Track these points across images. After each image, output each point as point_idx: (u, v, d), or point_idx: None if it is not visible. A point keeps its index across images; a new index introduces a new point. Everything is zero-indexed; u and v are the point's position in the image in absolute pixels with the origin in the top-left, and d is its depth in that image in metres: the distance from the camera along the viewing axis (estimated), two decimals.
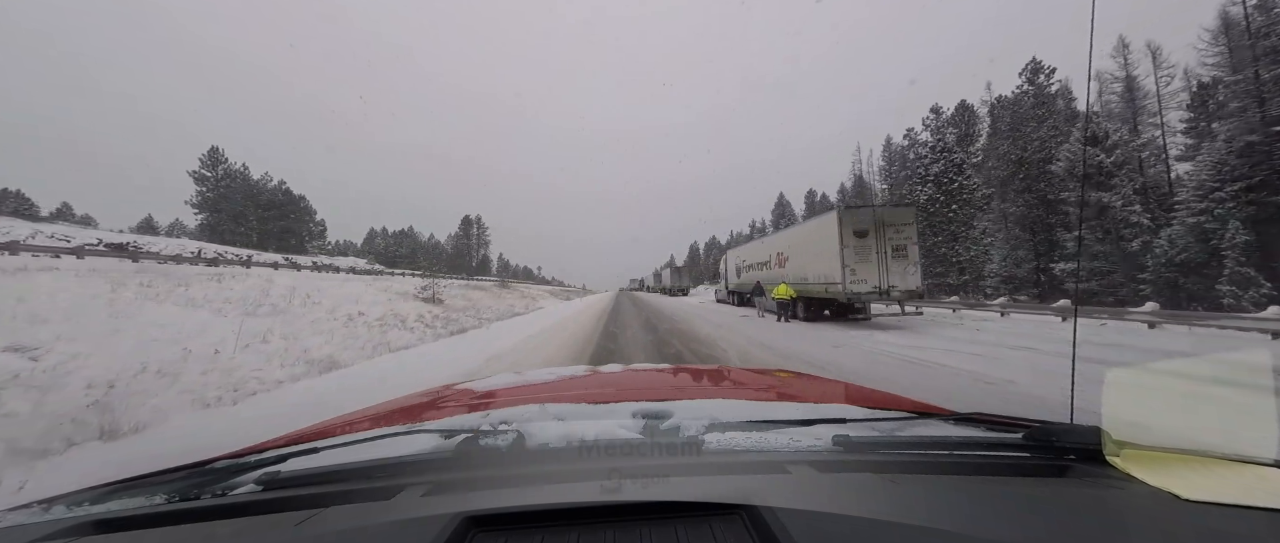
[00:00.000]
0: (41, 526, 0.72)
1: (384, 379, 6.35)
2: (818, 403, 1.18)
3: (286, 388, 6.06)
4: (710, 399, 1.15)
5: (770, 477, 0.75)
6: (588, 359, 7.99)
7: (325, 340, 8.91)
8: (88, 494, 0.84)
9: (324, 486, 0.80)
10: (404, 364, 7.65)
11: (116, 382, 5.28)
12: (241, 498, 0.79)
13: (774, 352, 8.63)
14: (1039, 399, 4.70)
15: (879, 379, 5.74)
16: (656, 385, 1.80)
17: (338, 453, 0.92)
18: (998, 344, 8.78)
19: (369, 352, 8.75)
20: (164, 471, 0.94)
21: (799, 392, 1.64)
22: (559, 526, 0.62)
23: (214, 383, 5.79)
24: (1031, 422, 0.92)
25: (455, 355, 8.60)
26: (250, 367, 6.59)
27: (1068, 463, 0.80)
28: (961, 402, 4.48)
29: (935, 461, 0.83)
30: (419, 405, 1.55)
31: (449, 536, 0.57)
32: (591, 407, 1.04)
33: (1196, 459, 0.73)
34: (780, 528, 0.55)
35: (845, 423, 0.97)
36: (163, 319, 8.29)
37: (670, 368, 2.27)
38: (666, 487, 0.71)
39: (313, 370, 6.93)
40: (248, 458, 0.96)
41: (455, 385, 1.92)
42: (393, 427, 1.03)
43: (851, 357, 7.71)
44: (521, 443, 0.86)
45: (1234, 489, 0.64)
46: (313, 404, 5.09)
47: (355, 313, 12.18)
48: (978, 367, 6.52)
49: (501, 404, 1.20)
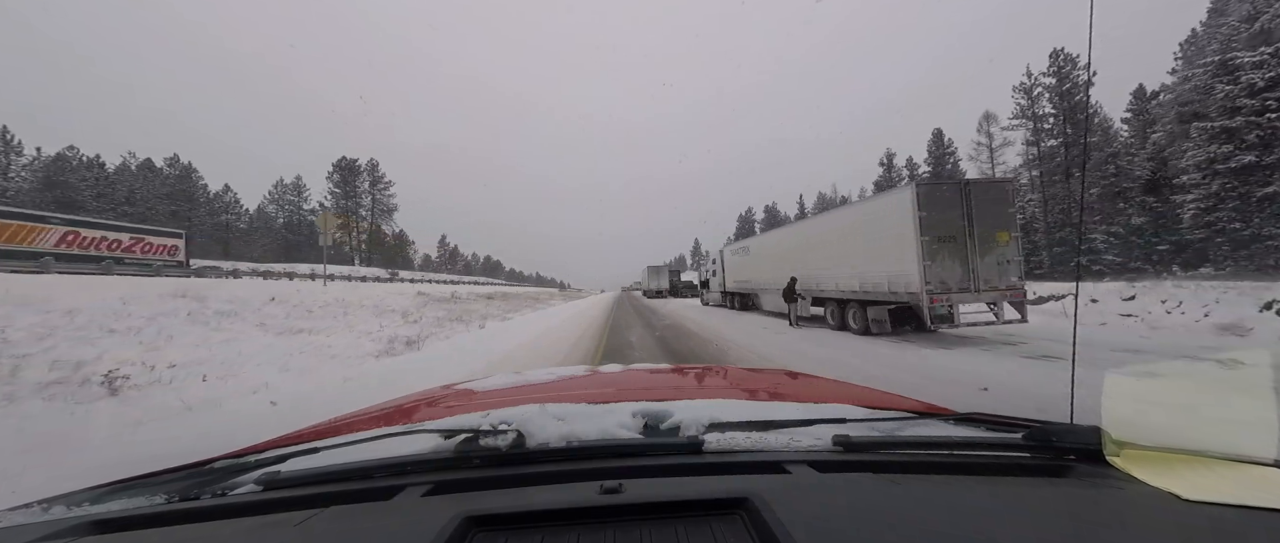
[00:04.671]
0: (41, 526, 0.72)
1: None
2: (817, 403, 1.17)
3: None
4: (710, 399, 1.15)
5: (770, 477, 0.75)
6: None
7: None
8: (87, 494, 0.84)
9: (324, 486, 0.80)
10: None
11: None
12: (241, 498, 0.79)
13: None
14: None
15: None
16: (656, 385, 1.80)
17: (338, 453, 0.92)
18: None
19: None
20: (164, 471, 0.94)
21: (799, 392, 1.64)
22: (559, 526, 0.62)
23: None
24: (1031, 422, 0.92)
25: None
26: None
27: (1068, 463, 0.80)
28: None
29: (935, 461, 0.83)
30: (419, 405, 1.55)
31: (449, 536, 0.57)
32: (591, 407, 1.04)
33: (1196, 459, 0.73)
34: (780, 528, 0.55)
35: (845, 423, 0.97)
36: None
37: (670, 368, 2.27)
38: (666, 487, 0.71)
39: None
40: (248, 458, 0.96)
41: (455, 385, 1.92)
42: (393, 427, 1.03)
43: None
44: (521, 443, 0.86)
45: (1234, 489, 0.64)
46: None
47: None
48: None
49: (501, 404, 1.20)
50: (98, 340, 6.53)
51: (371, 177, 77.74)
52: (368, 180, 77.25)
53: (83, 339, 6.45)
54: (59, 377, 4.91)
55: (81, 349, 5.98)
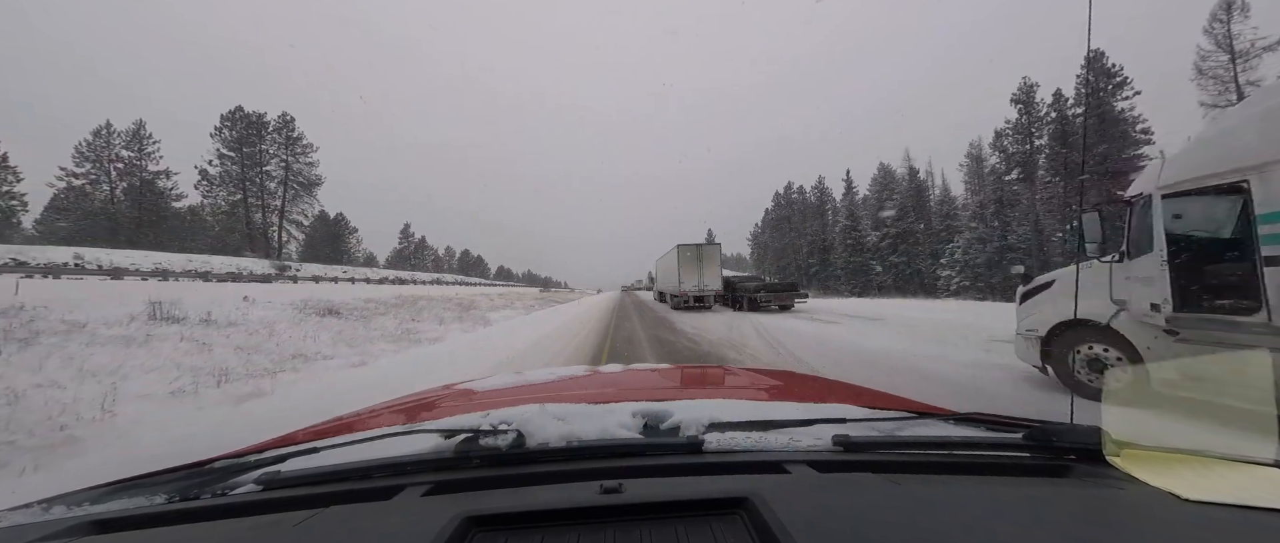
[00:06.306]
0: (41, 526, 0.72)
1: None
2: (817, 403, 1.18)
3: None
4: (710, 399, 1.15)
5: (770, 477, 0.75)
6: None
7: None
8: (88, 494, 0.84)
9: (324, 486, 0.80)
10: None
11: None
12: (241, 498, 0.79)
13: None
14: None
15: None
16: (656, 385, 1.80)
17: (338, 453, 0.92)
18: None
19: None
20: (164, 471, 0.94)
21: (799, 391, 1.64)
22: (559, 526, 0.62)
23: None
24: (1032, 422, 0.92)
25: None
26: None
27: (1068, 463, 0.80)
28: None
29: (935, 460, 0.83)
30: (419, 405, 1.55)
31: (449, 536, 0.57)
32: (591, 407, 1.04)
33: (1196, 459, 0.73)
34: (780, 528, 0.55)
35: (845, 423, 0.97)
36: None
37: (670, 368, 2.27)
38: (666, 487, 0.71)
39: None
40: (248, 458, 0.96)
41: (455, 385, 1.92)
42: (393, 427, 1.03)
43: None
44: (521, 443, 0.86)
45: (1234, 489, 0.64)
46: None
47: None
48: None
49: (501, 404, 1.20)
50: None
51: (285, 137, 54.59)
52: (279, 142, 54.26)
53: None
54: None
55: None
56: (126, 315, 8.59)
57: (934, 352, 7.32)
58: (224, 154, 52.24)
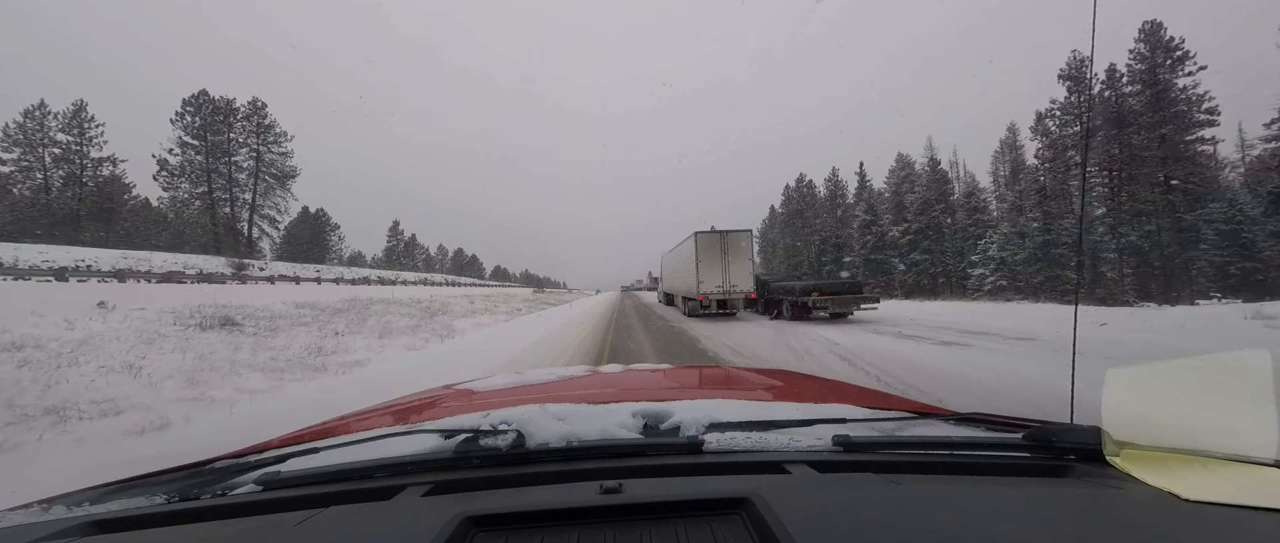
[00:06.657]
0: (41, 526, 0.72)
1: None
2: (818, 403, 1.18)
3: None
4: (710, 399, 1.15)
5: (770, 477, 0.75)
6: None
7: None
8: (88, 494, 0.84)
9: (324, 486, 0.80)
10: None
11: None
12: (241, 498, 0.79)
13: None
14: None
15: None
16: (656, 385, 1.80)
17: (338, 453, 0.92)
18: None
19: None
20: (164, 471, 0.94)
21: (799, 392, 1.64)
22: (559, 526, 0.62)
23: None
24: (1031, 422, 0.92)
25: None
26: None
27: (1068, 463, 0.80)
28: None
29: (935, 461, 0.83)
30: (419, 405, 1.55)
31: (449, 536, 0.57)
32: (591, 407, 1.04)
33: (1196, 459, 0.73)
34: (780, 528, 0.55)
35: (845, 423, 0.97)
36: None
37: (670, 368, 2.27)
38: (666, 487, 0.71)
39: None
40: (248, 458, 0.96)
41: (455, 385, 1.92)
42: (393, 427, 1.03)
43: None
44: (521, 443, 0.86)
45: (1234, 489, 0.64)
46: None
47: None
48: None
49: (501, 404, 1.20)
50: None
51: (256, 124, 49.05)
52: (249, 130, 48.62)
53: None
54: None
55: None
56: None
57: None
58: (186, 142, 46.55)
